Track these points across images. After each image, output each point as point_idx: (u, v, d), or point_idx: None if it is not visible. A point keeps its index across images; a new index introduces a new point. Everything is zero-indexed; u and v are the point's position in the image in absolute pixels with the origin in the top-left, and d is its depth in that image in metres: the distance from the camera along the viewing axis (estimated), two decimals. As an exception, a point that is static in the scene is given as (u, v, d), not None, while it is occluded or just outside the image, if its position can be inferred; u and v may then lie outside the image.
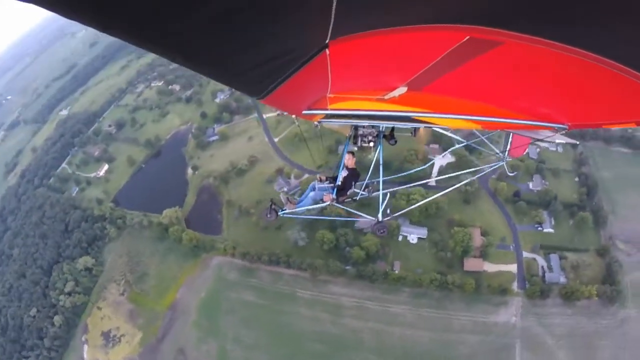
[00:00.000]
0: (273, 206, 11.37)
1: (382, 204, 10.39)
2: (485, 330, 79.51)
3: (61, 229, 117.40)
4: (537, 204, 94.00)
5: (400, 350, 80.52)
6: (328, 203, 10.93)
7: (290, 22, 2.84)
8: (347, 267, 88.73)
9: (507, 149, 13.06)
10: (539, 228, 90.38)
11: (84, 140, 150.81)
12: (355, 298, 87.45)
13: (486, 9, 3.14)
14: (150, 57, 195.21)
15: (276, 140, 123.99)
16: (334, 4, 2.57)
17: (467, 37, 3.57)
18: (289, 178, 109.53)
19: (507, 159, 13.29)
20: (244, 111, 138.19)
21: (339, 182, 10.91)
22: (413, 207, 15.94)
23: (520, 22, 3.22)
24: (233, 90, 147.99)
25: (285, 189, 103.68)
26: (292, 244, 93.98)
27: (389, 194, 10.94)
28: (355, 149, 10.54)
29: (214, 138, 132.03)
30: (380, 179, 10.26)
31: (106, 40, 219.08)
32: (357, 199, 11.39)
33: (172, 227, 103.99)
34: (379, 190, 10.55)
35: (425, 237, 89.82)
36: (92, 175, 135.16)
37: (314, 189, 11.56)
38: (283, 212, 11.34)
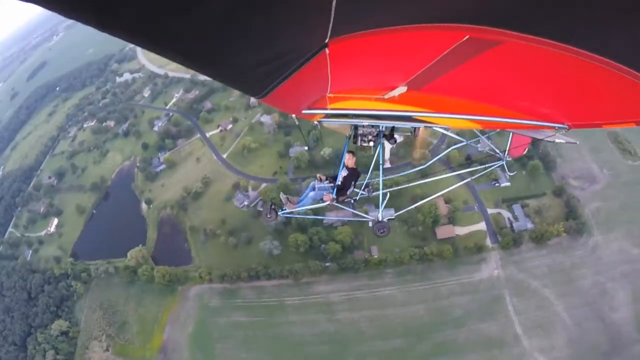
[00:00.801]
0: (273, 206, 11.49)
1: (382, 204, 10.40)
2: (473, 289, 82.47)
3: (24, 298, 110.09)
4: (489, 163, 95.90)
5: (401, 328, 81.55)
6: (328, 203, 10.91)
7: (289, 21, 2.87)
8: (327, 264, 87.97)
9: (507, 148, 13.06)
10: (496, 184, 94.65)
11: (26, 198, 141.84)
12: (343, 292, 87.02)
13: (486, 9, 3.14)
14: (77, 97, 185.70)
15: (225, 156, 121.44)
16: (334, 3, 2.60)
17: (467, 37, 3.56)
18: (247, 191, 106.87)
19: (507, 159, 13.23)
20: (185, 134, 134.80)
21: (339, 182, 10.92)
22: (413, 206, 15.37)
23: (519, 22, 3.21)
24: (170, 115, 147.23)
25: (246, 202, 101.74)
26: (267, 255, 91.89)
27: (389, 194, 10.89)
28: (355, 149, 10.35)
29: (161, 167, 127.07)
30: (380, 179, 10.21)
31: (26, 89, 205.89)
32: (357, 198, 11.40)
33: (141, 268, 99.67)
34: (378, 190, 10.50)
35: (394, 217, 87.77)
36: (43, 233, 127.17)
37: (313, 188, 11.49)
38: (283, 211, 11.40)
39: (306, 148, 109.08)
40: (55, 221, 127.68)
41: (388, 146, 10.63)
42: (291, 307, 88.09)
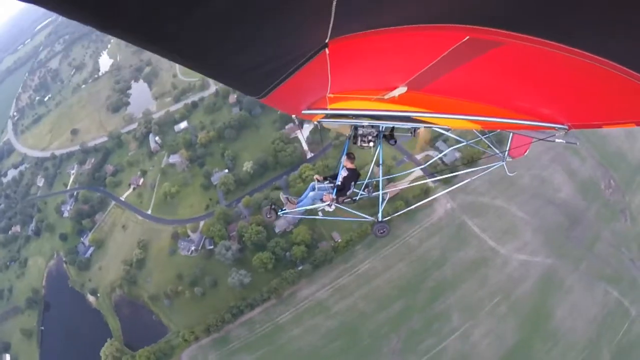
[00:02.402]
0: (273, 206, 11.44)
1: (381, 204, 10.45)
2: (437, 228, 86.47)
3: None
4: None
5: (395, 291, 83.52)
6: (328, 203, 10.85)
7: (290, 21, 2.90)
8: (300, 267, 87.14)
9: (507, 148, 12.99)
10: (414, 132, 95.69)
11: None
12: (327, 286, 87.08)
13: (486, 10, 3.17)
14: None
15: (150, 212, 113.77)
16: (334, 3, 2.64)
17: (467, 37, 3.57)
18: (188, 236, 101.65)
19: (507, 159, 13.08)
20: (100, 207, 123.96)
21: (338, 182, 10.89)
22: (413, 206, 15.90)
23: (519, 23, 3.23)
24: (75, 194, 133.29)
25: (193, 247, 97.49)
26: (239, 287, 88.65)
27: (389, 194, 11.01)
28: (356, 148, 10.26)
29: (90, 251, 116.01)
30: (380, 179, 10.27)
31: None
32: (357, 199, 11.26)
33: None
34: (378, 190, 10.47)
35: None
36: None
37: (313, 189, 11.49)
38: (283, 212, 11.36)
39: (226, 170, 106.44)
40: (7, 358, 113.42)
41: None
42: (287, 323, 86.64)
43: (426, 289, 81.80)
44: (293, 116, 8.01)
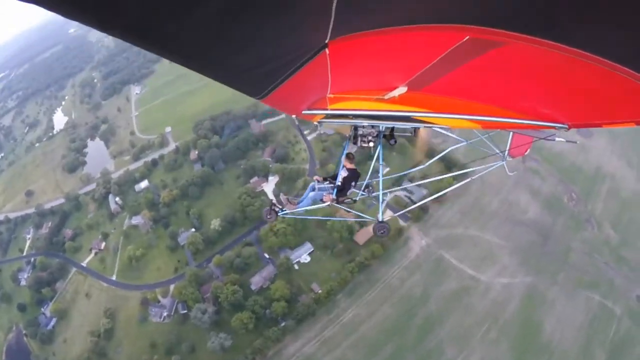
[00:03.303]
0: (273, 207, 11.24)
1: (382, 204, 10.26)
2: (415, 266, 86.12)
3: None
4: (363, 161, 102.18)
5: (382, 335, 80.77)
6: (328, 203, 10.74)
7: (290, 22, 2.93)
8: (283, 324, 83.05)
9: (507, 148, 12.65)
10: (378, 174, 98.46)
11: None
12: (312, 340, 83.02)
13: (486, 9, 3.17)
14: None
15: (114, 277, 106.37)
16: (334, 3, 2.64)
17: (467, 37, 3.58)
18: (158, 302, 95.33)
19: (507, 159, 12.85)
20: (60, 274, 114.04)
21: (338, 183, 10.74)
22: (412, 207, 15.39)
23: (519, 23, 3.22)
24: (32, 261, 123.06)
25: (165, 313, 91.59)
26: (220, 351, 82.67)
27: (389, 194, 10.92)
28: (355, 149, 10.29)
29: (53, 322, 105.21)
30: (380, 179, 10.03)
31: None
32: (357, 199, 11.09)
33: None
34: (378, 190, 10.28)
35: (312, 249, 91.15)
36: None
37: (313, 189, 11.40)
38: (283, 212, 11.18)
39: (193, 230, 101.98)
40: None
41: None
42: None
43: (415, 327, 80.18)
44: (293, 116, 7.73)
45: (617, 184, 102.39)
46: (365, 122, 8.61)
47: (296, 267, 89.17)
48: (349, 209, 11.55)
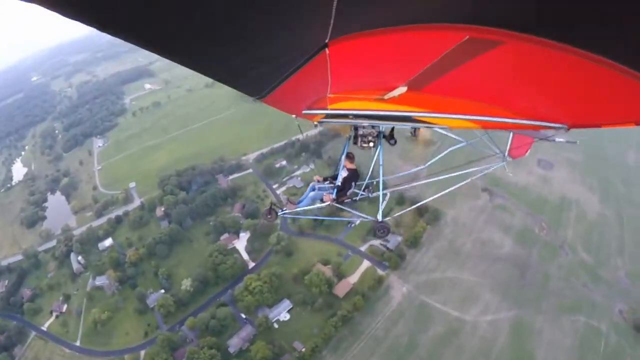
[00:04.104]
0: (273, 207, 11.11)
1: (382, 204, 10.24)
2: (398, 314, 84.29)
3: None
4: (335, 213, 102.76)
5: None
6: (328, 203, 10.75)
7: (290, 22, 2.95)
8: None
9: (507, 148, 12.56)
10: (352, 225, 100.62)
11: None
12: (302, 401, 78.98)
13: (485, 9, 3.17)
14: None
15: (79, 343, 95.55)
16: (334, 4, 2.65)
17: (467, 37, 3.55)
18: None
19: (508, 159, 12.65)
20: (18, 338, 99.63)
21: (338, 183, 10.81)
22: (412, 207, 15.12)
23: (519, 22, 3.22)
24: None
25: None
26: None
27: (388, 194, 8.94)
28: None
29: None
30: (380, 179, 9.99)
31: None
32: (357, 199, 11.09)
33: None
34: (378, 190, 10.35)
35: (291, 306, 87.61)
36: None
37: (314, 189, 11.39)
38: (283, 212, 11.11)
39: (162, 291, 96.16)
40: None
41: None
42: None
43: (407, 376, 78.31)
44: (293, 115, 7.68)
45: (583, 209, 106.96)
46: (366, 122, 8.60)
47: (276, 325, 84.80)
48: (349, 209, 11.50)
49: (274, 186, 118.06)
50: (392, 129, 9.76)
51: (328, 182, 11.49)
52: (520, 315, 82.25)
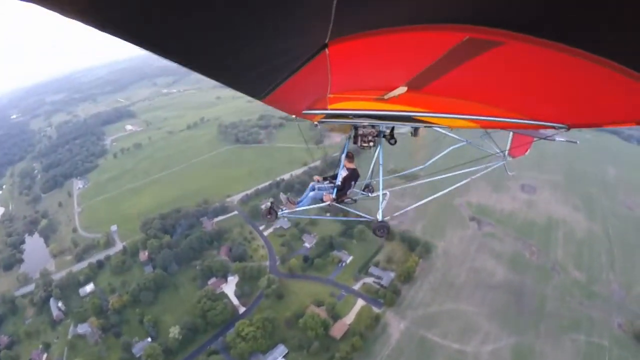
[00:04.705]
0: (273, 206, 11.05)
1: (381, 204, 10.09)
2: (398, 352, 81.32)
3: None
4: (325, 252, 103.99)
5: None
6: (328, 203, 10.69)
7: (289, 22, 2.94)
8: None
9: (507, 148, 12.65)
10: (343, 264, 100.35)
11: None
12: None
13: (485, 9, 3.14)
14: None
15: None
16: (334, 4, 2.64)
17: (466, 37, 3.53)
18: None
19: (508, 159, 12.79)
20: None
21: (338, 182, 10.86)
22: (412, 206, 13.24)
23: (519, 22, 3.19)
24: None
25: None
26: None
27: (388, 194, 10.63)
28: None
29: None
30: (380, 179, 9.93)
31: None
32: (357, 199, 11.17)
33: None
34: (378, 190, 10.26)
35: (286, 351, 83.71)
36: None
37: (313, 189, 11.42)
38: (282, 212, 11.06)
39: (149, 340, 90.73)
40: None
41: None
42: None
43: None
44: (293, 116, 7.66)
45: (570, 228, 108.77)
46: (366, 122, 8.66)
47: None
48: (349, 209, 11.31)
49: (261, 228, 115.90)
50: (393, 128, 9.87)
51: (328, 181, 11.55)
52: (520, 341, 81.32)
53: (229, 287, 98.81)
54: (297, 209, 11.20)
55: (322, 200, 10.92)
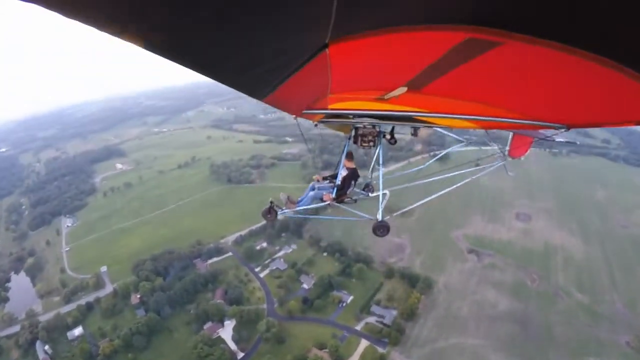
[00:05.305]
0: (273, 206, 10.99)
1: (381, 204, 10.07)
2: None
3: None
4: (324, 293, 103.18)
5: None
6: (328, 202, 10.65)
7: (290, 22, 2.95)
8: None
9: (507, 148, 12.58)
10: (344, 304, 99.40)
11: None
12: None
13: (485, 9, 3.16)
14: None
15: None
16: (335, 4, 2.66)
17: (466, 38, 3.56)
18: None
19: (508, 159, 12.67)
20: None
21: (338, 182, 10.78)
22: (413, 206, 13.09)
23: (518, 22, 3.22)
24: None
25: None
26: None
27: (388, 194, 10.44)
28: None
29: None
30: (380, 179, 9.93)
31: None
32: (357, 198, 10.97)
33: None
34: (378, 189, 10.24)
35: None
36: None
37: (313, 188, 11.25)
38: (282, 212, 11.07)
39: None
40: None
41: None
42: None
43: None
44: (293, 116, 7.66)
45: (568, 252, 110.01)
46: (366, 122, 8.78)
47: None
48: (349, 209, 11.22)
49: (257, 269, 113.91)
50: (393, 128, 9.97)
51: (328, 181, 11.47)
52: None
53: (226, 332, 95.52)
54: (297, 208, 11.24)
55: (322, 200, 11.00)
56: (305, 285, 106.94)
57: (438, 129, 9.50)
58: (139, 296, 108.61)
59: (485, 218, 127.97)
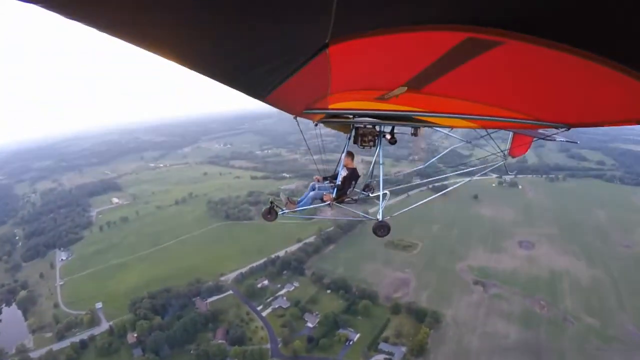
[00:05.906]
0: (273, 206, 10.96)
1: (382, 204, 10.13)
2: None
3: None
4: (330, 331, 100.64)
5: None
6: (328, 203, 10.65)
7: (290, 22, 2.98)
8: None
9: (507, 147, 12.68)
10: (351, 342, 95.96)
11: None
12: None
13: (485, 9, 3.14)
14: None
15: None
16: (334, 4, 2.64)
17: (466, 38, 3.55)
18: None
19: (508, 158, 12.77)
20: None
21: (338, 182, 10.82)
22: (413, 206, 13.18)
23: (518, 22, 3.21)
24: None
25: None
26: None
27: (388, 193, 10.37)
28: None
29: None
30: (380, 179, 9.95)
31: None
32: (357, 198, 11.02)
33: None
34: (379, 190, 10.31)
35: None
36: None
37: (313, 188, 11.30)
38: (282, 212, 10.95)
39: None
40: None
41: None
42: None
43: None
44: (293, 116, 7.58)
45: (574, 277, 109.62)
46: (366, 122, 8.79)
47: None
48: (349, 209, 11.31)
49: (258, 308, 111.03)
50: (393, 128, 9.83)
51: (328, 181, 11.44)
52: (548, 401, 79.05)
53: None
54: (298, 209, 11.17)
55: (322, 200, 10.95)
56: (309, 324, 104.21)
57: (438, 129, 9.64)
58: (135, 335, 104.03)
59: (488, 248, 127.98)
